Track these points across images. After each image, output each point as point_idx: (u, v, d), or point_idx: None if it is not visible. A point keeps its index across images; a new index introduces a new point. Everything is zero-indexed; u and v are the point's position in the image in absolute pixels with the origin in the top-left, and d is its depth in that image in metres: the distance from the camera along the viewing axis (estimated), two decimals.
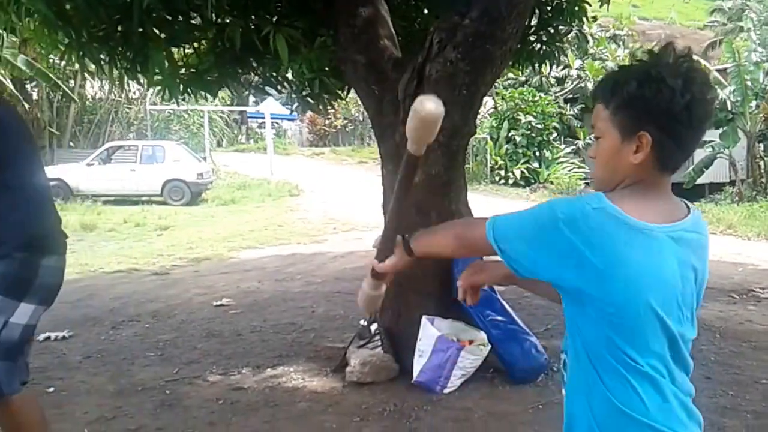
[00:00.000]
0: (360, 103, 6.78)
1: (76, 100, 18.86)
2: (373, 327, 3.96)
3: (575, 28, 5.30)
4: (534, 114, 18.77)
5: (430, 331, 3.69)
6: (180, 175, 15.64)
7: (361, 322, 4.17)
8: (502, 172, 18.81)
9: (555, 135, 19.77)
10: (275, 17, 4.01)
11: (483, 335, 3.80)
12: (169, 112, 22.43)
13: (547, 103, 19.20)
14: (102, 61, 4.02)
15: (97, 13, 3.59)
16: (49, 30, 3.76)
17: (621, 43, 23.70)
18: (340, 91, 5.09)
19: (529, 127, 18.66)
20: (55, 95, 18.75)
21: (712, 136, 15.89)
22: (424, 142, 1.22)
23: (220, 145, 26.33)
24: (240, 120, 30.11)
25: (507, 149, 18.88)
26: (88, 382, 3.95)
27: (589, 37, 18.36)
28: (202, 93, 4.72)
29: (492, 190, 17.59)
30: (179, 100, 4.55)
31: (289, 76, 5.01)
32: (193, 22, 4.15)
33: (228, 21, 3.86)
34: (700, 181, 16.11)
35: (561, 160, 19.51)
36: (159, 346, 4.68)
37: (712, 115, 1.17)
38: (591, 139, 1.55)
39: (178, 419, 3.38)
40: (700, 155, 15.73)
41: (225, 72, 4.46)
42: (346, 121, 29.26)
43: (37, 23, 3.80)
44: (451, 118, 3.63)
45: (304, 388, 3.79)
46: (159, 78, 4.16)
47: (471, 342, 3.74)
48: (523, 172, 18.64)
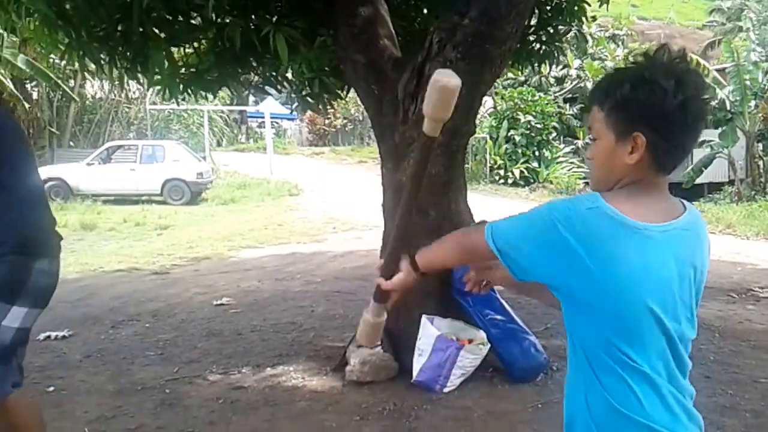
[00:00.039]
0: (360, 102, 6.77)
1: (76, 100, 18.85)
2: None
3: (574, 27, 5.30)
4: (533, 114, 18.78)
5: (430, 331, 3.69)
6: (180, 174, 15.65)
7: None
8: (502, 172, 18.81)
9: (554, 135, 19.78)
10: (275, 17, 4.02)
11: (482, 334, 3.81)
12: (168, 112, 22.44)
13: (547, 103, 19.20)
14: (102, 60, 4.02)
15: (97, 12, 3.59)
16: (49, 30, 3.76)
17: (620, 42, 23.70)
18: (340, 91, 5.09)
19: (529, 126, 18.67)
20: (55, 95, 18.75)
21: (711, 135, 15.91)
22: (441, 118, 1.26)
23: (219, 144, 26.33)
24: (240, 119, 30.15)
25: (506, 149, 18.88)
26: (88, 381, 3.96)
27: (589, 37, 18.34)
28: (202, 93, 4.72)
29: (491, 189, 17.58)
30: (179, 100, 4.57)
31: (289, 75, 5.01)
32: (193, 21, 4.16)
33: (228, 21, 3.86)
34: (699, 180, 16.12)
35: (560, 159, 19.51)
36: (159, 346, 4.68)
37: (707, 115, 1.19)
38: (589, 139, 1.56)
39: (178, 418, 3.38)
40: (699, 155, 15.74)
41: (225, 72, 4.46)
42: (345, 121, 29.27)
43: (37, 23, 3.80)
44: (450, 118, 3.63)
45: (304, 387, 3.80)
46: (159, 78, 4.17)
47: (470, 341, 3.74)
48: (522, 172, 18.64)
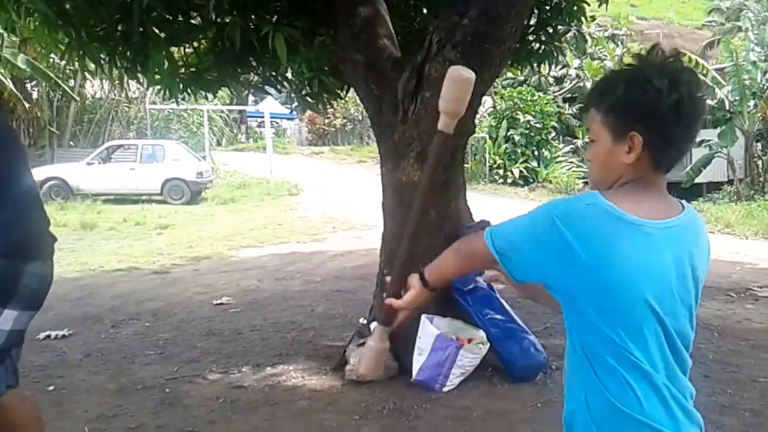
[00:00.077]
0: (359, 102, 6.78)
1: (76, 100, 18.83)
2: (373, 325, 3.97)
3: (574, 27, 5.31)
4: (533, 113, 18.78)
5: (429, 330, 3.70)
6: (180, 174, 15.64)
7: (360, 321, 4.18)
8: (501, 172, 18.81)
9: (553, 134, 19.79)
10: (275, 17, 4.02)
11: (482, 334, 3.81)
12: (168, 112, 22.44)
13: (546, 103, 19.21)
14: (102, 60, 4.03)
15: (97, 12, 3.60)
16: (49, 29, 3.76)
17: (619, 42, 23.68)
18: (340, 91, 5.10)
19: (528, 126, 18.67)
20: (55, 94, 18.75)
21: (710, 135, 15.90)
22: (457, 112, 1.29)
23: (219, 144, 26.33)
24: (239, 119, 30.16)
25: (506, 148, 18.88)
26: (89, 380, 3.96)
27: (588, 37, 18.35)
28: (202, 92, 4.73)
29: (491, 189, 17.58)
30: (179, 100, 4.57)
31: (289, 75, 5.01)
32: (193, 21, 4.16)
33: (228, 20, 3.86)
34: (698, 180, 16.11)
35: (559, 159, 19.51)
36: (159, 345, 4.69)
37: (704, 113, 1.20)
38: (588, 140, 1.56)
39: (178, 418, 3.39)
40: (698, 154, 15.73)
41: (225, 71, 4.47)
42: (345, 121, 29.28)
43: (37, 23, 3.80)
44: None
45: (304, 387, 3.80)
46: (159, 77, 4.17)
47: (470, 340, 3.75)
48: (521, 172, 18.64)
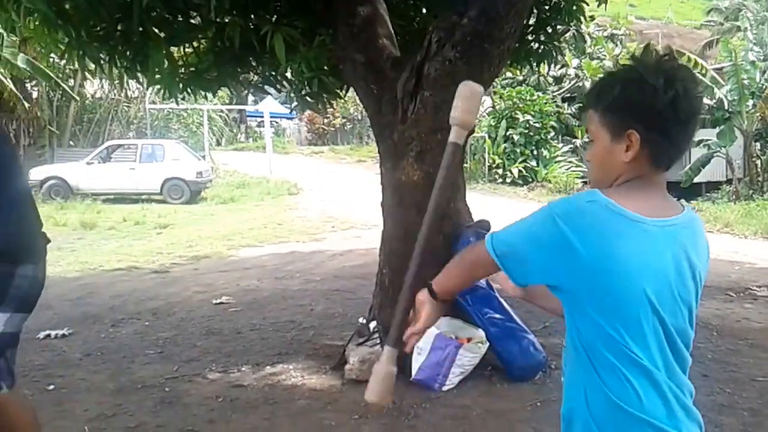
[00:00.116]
0: (359, 101, 6.78)
1: (76, 99, 18.80)
2: (372, 325, 3.98)
3: (573, 27, 5.31)
4: (532, 113, 18.77)
5: (429, 329, 3.70)
6: (179, 173, 15.64)
7: (359, 320, 4.19)
8: (500, 171, 18.81)
9: (553, 134, 19.79)
10: (274, 17, 4.03)
11: (481, 333, 3.82)
12: (168, 111, 22.42)
13: (545, 102, 19.21)
14: (102, 60, 4.03)
15: (97, 12, 3.60)
16: (49, 29, 3.76)
17: (618, 42, 23.67)
18: (339, 90, 5.10)
19: (527, 126, 18.67)
20: (55, 94, 18.71)
21: (709, 135, 15.92)
22: (469, 124, 1.34)
23: (219, 143, 26.31)
24: (239, 119, 30.15)
25: (505, 148, 18.88)
26: (88, 379, 3.97)
27: (587, 37, 18.29)
28: (202, 92, 4.74)
29: (490, 188, 17.59)
30: (179, 99, 4.58)
31: (288, 75, 5.01)
32: (193, 21, 4.17)
33: (227, 20, 3.87)
34: (697, 179, 16.12)
35: (559, 158, 19.51)
36: (159, 344, 4.69)
37: (700, 110, 1.21)
38: (587, 140, 1.57)
39: (177, 417, 3.40)
40: (697, 154, 15.75)
41: (224, 71, 4.47)
42: (344, 120, 29.25)
43: (37, 22, 3.81)
44: (449, 117, 3.65)
45: (303, 386, 3.81)
46: (159, 77, 4.18)
47: (469, 340, 3.75)
48: (521, 171, 18.64)
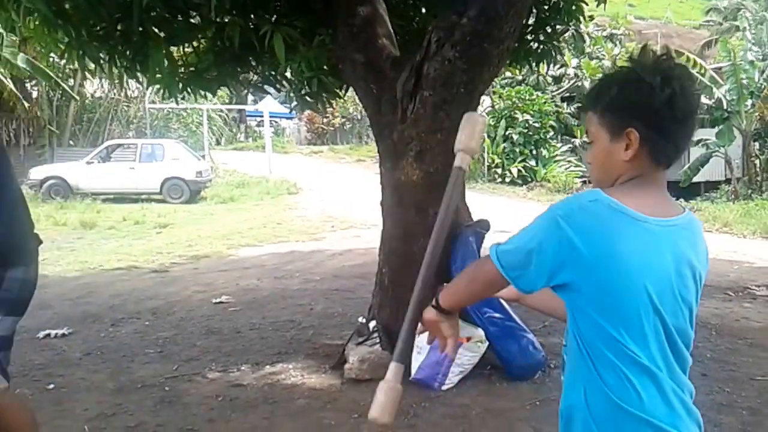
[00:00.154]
0: (358, 101, 6.78)
1: (76, 99, 18.81)
2: (372, 324, 3.99)
3: (572, 27, 5.31)
4: (531, 113, 18.77)
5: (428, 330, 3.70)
6: (179, 173, 15.64)
7: (359, 319, 4.19)
8: (500, 171, 18.80)
9: (552, 133, 19.77)
10: (274, 16, 4.03)
11: (480, 332, 3.82)
12: (168, 111, 22.41)
13: (544, 102, 19.19)
14: (102, 59, 4.04)
15: (97, 12, 3.60)
16: (49, 29, 3.76)
17: (617, 42, 23.65)
18: (339, 90, 5.10)
19: (526, 125, 18.66)
20: (54, 94, 18.72)
21: (708, 134, 15.95)
22: (475, 150, 1.40)
23: (218, 143, 26.29)
24: (239, 118, 30.13)
25: (504, 148, 18.88)
26: (88, 379, 3.97)
27: (586, 36, 18.32)
28: (201, 92, 4.73)
29: (489, 188, 17.59)
30: (178, 99, 4.58)
31: (288, 74, 5.01)
32: (193, 21, 4.16)
33: (227, 20, 3.87)
34: (696, 179, 16.14)
35: (558, 158, 19.50)
36: (158, 344, 4.70)
37: (697, 108, 1.22)
38: (586, 141, 1.57)
39: (177, 416, 3.40)
40: (696, 153, 15.77)
41: (224, 71, 4.47)
42: (344, 120, 29.24)
43: (37, 22, 3.81)
44: (449, 117, 3.66)
45: (303, 385, 3.81)
46: (158, 77, 4.18)
47: (469, 339, 3.76)
48: (520, 171, 18.64)
